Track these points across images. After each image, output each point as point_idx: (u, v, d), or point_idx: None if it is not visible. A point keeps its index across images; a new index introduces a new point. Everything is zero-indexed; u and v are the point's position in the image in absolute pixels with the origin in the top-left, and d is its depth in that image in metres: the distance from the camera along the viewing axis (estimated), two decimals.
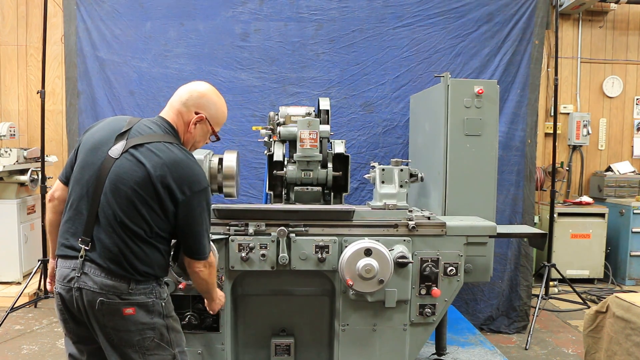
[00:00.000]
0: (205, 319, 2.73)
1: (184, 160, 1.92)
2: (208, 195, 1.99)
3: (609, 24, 6.38)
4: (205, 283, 2.13)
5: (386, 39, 4.44)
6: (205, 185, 1.95)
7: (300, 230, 2.71)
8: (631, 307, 2.71)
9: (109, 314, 1.86)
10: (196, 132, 2.05)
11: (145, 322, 1.91)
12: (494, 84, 3.31)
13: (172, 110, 2.04)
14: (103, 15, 4.40)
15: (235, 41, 4.44)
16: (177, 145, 1.95)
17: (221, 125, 2.14)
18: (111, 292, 1.85)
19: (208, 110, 2.04)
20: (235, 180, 2.76)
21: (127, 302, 1.87)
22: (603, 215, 5.82)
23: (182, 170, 1.89)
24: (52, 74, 5.75)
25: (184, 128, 2.04)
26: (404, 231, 2.76)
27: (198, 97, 2.04)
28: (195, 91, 2.05)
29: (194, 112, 2.02)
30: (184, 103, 2.02)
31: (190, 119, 2.02)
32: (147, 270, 1.91)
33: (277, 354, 2.94)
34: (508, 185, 4.29)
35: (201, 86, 2.08)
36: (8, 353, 3.76)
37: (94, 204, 1.88)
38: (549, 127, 6.09)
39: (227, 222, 2.71)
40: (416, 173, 2.99)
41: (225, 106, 2.14)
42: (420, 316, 2.79)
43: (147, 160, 1.87)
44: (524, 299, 4.34)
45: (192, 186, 1.91)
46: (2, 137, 5.16)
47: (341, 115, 4.45)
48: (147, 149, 1.90)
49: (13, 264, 5.07)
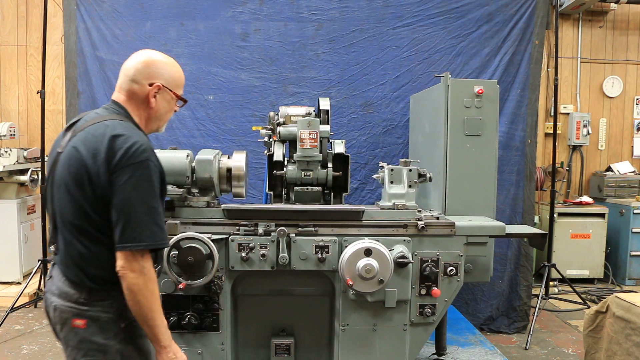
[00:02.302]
0: (205, 319, 2.73)
1: (120, 134, 1.65)
2: (148, 171, 1.64)
3: (609, 24, 6.38)
4: (138, 302, 1.62)
5: (386, 39, 4.44)
6: (142, 158, 1.63)
7: (310, 231, 2.71)
8: (631, 307, 2.71)
9: (60, 323, 1.68)
10: (159, 104, 1.83)
11: (96, 341, 1.64)
12: (494, 84, 3.31)
13: (121, 91, 1.82)
14: (103, 15, 4.41)
15: (235, 41, 4.45)
16: (119, 121, 1.72)
17: (182, 86, 1.91)
18: (66, 298, 1.67)
19: (161, 76, 1.82)
20: (245, 180, 2.77)
21: (78, 313, 1.65)
22: (603, 215, 5.82)
23: (116, 145, 1.63)
24: (52, 74, 5.75)
25: (143, 105, 1.82)
26: (413, 231, 2.76)
27: (145, 67, 1.81)
28: (139, 62, 1.81)
29: (147, 84, 1.79)
30: (133, 79, 1.79)
31: (146, 93, 1.80)
32: (99, 274, 1.66)
33: (277, 354, 2.94)
34: (508, 185, 4.29)
35: (142, 55, 1.84)
36: (8, 353, 3.76)
37: (51, 207, 1.75)
38: (549, 127, 6.09)
39: (236, 222, 2.71)
40: (425, 173, 2.99)
41: (178, 65, 1.91)
42: (420, 316, 2.79)
43: (82, 143, 1.67)
44: (524, 299, 4.34)
45: (126, 159, 1.62)
46: (2, 137, 5.16)
47: (341, 115, 4.45)
48: (85, 132, 1.69)
49: (13, 264, 5.07)
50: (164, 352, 1.68)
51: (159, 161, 1.72)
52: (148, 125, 1.87)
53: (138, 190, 1.61)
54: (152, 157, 1.67)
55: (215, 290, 2.68)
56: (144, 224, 1.61)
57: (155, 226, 1.63)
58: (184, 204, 2.74)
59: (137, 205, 1.61)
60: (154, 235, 1.63)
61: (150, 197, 1.64)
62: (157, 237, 1.64)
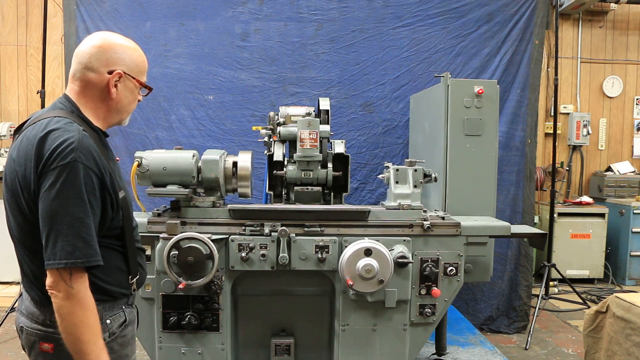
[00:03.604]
0: (205, 319, 2.72)
1: (51, 130, 1.42)
2: (74, 174, 1.38)
3: (609, 24, 6.38)
4: (65, 328, 1.39)
5: (386, 39, 4.45)
6: (69, 160, 1.38)
7: (316, 231, 2.71)
8: (631, 307, 2.71)
9: (28, 346, 1.54)
10: (120, 93, 1.59)
11: None
12: (494, 84, 3.31)
13: (74, 81, 1.57)
14: (103, 15, 4.41)
15: (235, 41, 4.45)
16: (58, 117, 1.48)
17: (145, 72, 1.67)
18: (32, 319, 1.52)
19: (122, 62, 1.57)
20: (250, 180, 2.78)
21: (45, 336, 1.48)
22: (603, 215, 5.82)
23: (45, 146, 1.40)
24: (52, 74, 5.74)
25: (102, 96, 1.57)
26: (419, 231, 2.76)
27: (101, 52, 1.55)
28: (94, 47, 1.55)
29: (106, 72, 1.55)
30: (89, 66, 1.54)
31: (106, 83, 1.55)
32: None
33: (277, 354, 2.94)
34: (508, 185, 4.29)
35: (97, 38, 1.58)
36: (8, 353, 3.76)
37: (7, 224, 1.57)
38: (549, 127, 6.09)
39: (242, 222, 2.71)
40: (430, 173, 2.99)
41: (139, 48, 1.66)
42: (420, 316, 2.79)
43: (17, 149, 1.47)
44: (524, 299, 4.34)
45: (52, 161, 1.39)
46: (2, 137, 5.16)
47: (341, 115, 4.45)
48: (22, 135, 1.49)
49: (13, 264, 4.98)
50: None
51: (97, 161, 1.45)
52: (107, 118, 1.62)
53: (61, 197, 1.37)
54: (83, 157, 1.40)
55: (215, 290, 2.67)
56: (66, 239, 1.37)
57: (80, 241, 1.38)
58: (189, 204, 2.74)
59: (59, 216, 1.37)
60: (76, 251, 1.37)
61: (76, 205, 1.38)
62: (80, 255, 1.38)
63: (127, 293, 1.64)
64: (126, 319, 1.62)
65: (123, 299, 1.63)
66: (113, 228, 1.56)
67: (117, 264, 1.59)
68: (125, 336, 1.62)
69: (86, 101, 1.57)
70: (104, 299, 1.54)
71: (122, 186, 1.60)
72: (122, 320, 1.60)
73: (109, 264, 1.54)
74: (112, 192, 1.50)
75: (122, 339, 1.61)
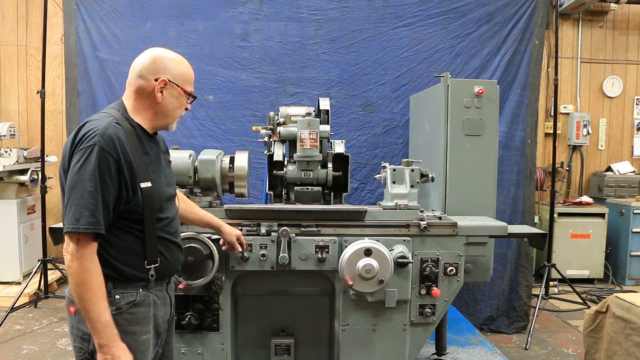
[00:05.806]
0: (205, 319, 2.72)
1: (87, 122, 1.70)
2: (92, 155, 1.61)
3: (609, 24, 6.38)
4: (73, 287, 1.61)
5: (386, 39, 4.44)
6: (91, 143, 1.62)
7: (312, 231, 2.71)
8: (631, 307, 2.71)
9: (66, 309, 1.77)
10: (166, 99, 1.81)
11: (82, 329, 1.67)
12: (494, 84, 3.31)
13: (128, 87, 1.82)
14: (103, 15, 4.40)
15: (235, 41, 4.45)
16: (101, 113, 1.77)
17: (191, 83, 1.90)
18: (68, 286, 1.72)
19: (168, 71, 1.80)
20: (247, 180, 2.77)
21: (71, 300, 1.68)
22: (603, 215, 5.82)
23: (80, 133, 1.67)
24: (52, 74, 5.75)
25: (149, 101, 1.80)
26: (415, 231, 2.76)
27: (151, 62, 1.79)
28: (147, 58, 1.80)
29: (153, 79, 1.78)
30: (140, 75, 1.79)
31: (152, 88, 1.78)
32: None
33: (277, 354, 2.94)
34: (508, 185, 4.29)
35: (151, 52, 1.83)
36: (8, 353, 3.76)
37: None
38: (549, 127, 6.09)
39: (239, 222, 2.71)
40: (427, 173, 2.99)
41: (187, 61, 1.90)
42: (420, 316, 2.79)
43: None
44: (524, 299, 4.34)
45: (77, 144, 1.65)
46: (2, 137, 5.16)
47: (341, 115, 4.45)
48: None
49: (13, 264, 5.07)
50: (100, 351, 1.61)
51: (118, 148, 1.65)
52: (154, 121, 1.84)
53: (80, 174, 1.60)
54: (104, 142, 1.62)
55: (215, 290, 2.68)
56: (76, 208, 1.59)
57: (86, 210, 1.58)
58: None
59: (75, 188, 1.60)
60: (81, 219, 1.58)
61: (89, 180, 1.59)
62: (83, 222, 1.58)
63: (143, 277, 1.76)
64: (136, 300, 1.74)
65: (139, 282, 1.76)
66: (132, 212, 1.72)
67: (132, 246, 1.74)
68: (133, 314, 1.73)
69: (136, 104, 1.81)
70: (114, 276, 1.70)
71: (153, 178, 1.77)
72: (131, 299, 1.72)
73: (124, 244, 1.72)
74: (128, 177, 1.68)
75: (129, 316, 1.72)
